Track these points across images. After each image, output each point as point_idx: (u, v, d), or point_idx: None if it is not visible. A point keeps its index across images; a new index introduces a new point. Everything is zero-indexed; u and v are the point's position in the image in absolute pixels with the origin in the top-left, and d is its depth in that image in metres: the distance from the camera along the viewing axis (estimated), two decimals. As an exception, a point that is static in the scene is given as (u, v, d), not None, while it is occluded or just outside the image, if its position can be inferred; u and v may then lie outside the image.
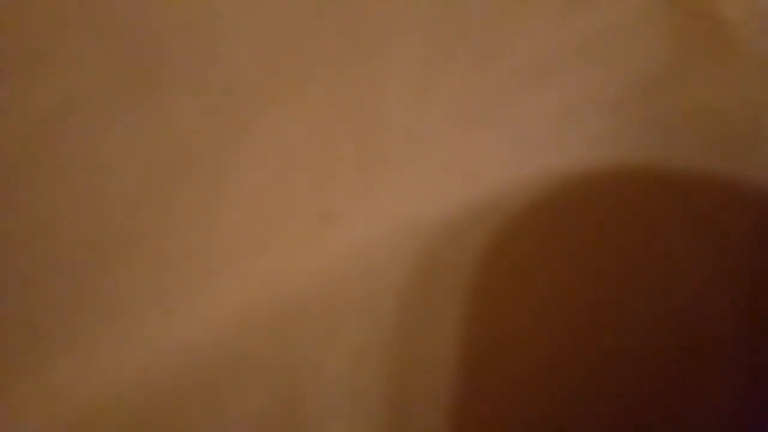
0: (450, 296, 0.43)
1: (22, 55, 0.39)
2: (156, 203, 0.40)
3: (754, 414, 0.44)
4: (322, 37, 0.42)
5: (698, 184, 0.44)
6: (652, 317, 0.44)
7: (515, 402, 0.43)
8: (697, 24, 0.44)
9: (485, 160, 0.43)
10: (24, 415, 0.39)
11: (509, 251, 0.43)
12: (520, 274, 0.43)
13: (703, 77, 0.44)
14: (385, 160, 0.42)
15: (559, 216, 0.43)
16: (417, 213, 0.42)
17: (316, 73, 0.42)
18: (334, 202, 0.42)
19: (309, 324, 0.41)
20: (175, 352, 0.40)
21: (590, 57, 0.44)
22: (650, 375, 0.44)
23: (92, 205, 0.40)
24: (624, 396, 0.44)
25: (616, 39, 0.44)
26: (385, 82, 0.42)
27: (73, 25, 0.39)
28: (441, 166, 0.42)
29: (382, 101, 0.42)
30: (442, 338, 0.42)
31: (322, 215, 0.41)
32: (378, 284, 0.42)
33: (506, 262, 0.43)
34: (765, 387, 0.44)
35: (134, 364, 0.40)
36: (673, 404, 0.44)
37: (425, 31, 0.42)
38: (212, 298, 0.40)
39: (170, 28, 0.40)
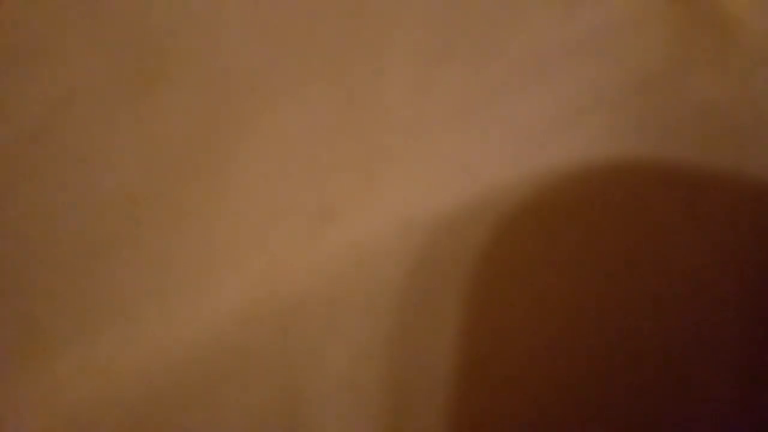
0: (449, 292, 0.43)
1: (21, 51, 0.39)
2: (155, 200, 0.40)
3: (755, 413, 0.44)
4: (322, 33, 0.41)
5: (699, 181, 0.44)
6: (651, 315, 0.44)
7: (514, 398, 0.43)
8: (697, 19, 0.44)
9: (485, 157, 0.43)
10: (24, 413, 0.39)
11: (509, 248, 0.43)
12: (520, 270, 0.43)
13: (703, 73, 0.44)
14: (384, 157, 0.42)
15: (559, 212, 0.43)
16: (417, 209, 0.42)
17: (315, 69, 0.41)
18: (333, 198, 0.42)
19: (308, 321, 0.41)
20: (175, 350, 0.40)
21: (591, 53, 0.43)
22: (650, 373, 0.44)
23: (91, 202, 0.39)
24: (623, 394, 0.44)
25: (616, 35, 0.44)
26: (385, 79, 0.42)
27: (72, 21, 0.39)
28: (441, 163, 0.42)
29: (382, 97, 0.42)
30: (442, 334, 0.42)
31: (321, 212, 0.41)
32: (377, 280, 0.42)
33: (506, 259, 0.43)
34: (765, 386, 0.44)
35: (134, 362, 0.39)
36: (673, 403, 0.44)
37: (425, 27, 0.42)
38: (212, 296, 0.40)
39: (169, 24, 0.40)
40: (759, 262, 0.45)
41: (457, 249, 0.43)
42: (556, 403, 0.44)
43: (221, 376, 0.40)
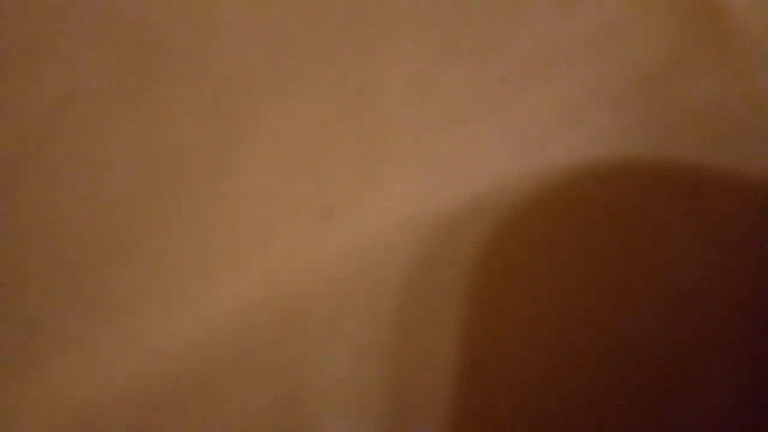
0: (450, 292, 0.42)
1: (20, 50, 0.39)
2: (155, 200, 0.40)
3: (755, 413, 0.44)
4: (323, 32, 0.41)
5: (700, 180, 0.44)
6: (652, 314, 0.44)
7: (515, 398, 0.43)
8: (699, 18, 0.44)
9: (486, 156, 0.43)
10: (23, 414, 0.39)
11: (510, 247, 0.43)
12: (521, 270, 0.43)
13: (705, 72, 0.44)
14: (385, 156, 0.42)
15: (560, 212, 0.43)
16: (418, 209, 0.42)
17: (316, 68, 0.41)
18: (334, 198, 0.41)
19: (309, 321, 0.41)
20: (175, 351, 0.40)
21: (592, 52, 0.43)
22: (650, 372, 0.44)
23: (91, 201, 0.39)
24: (624, 393, 0.44)
25: (617, 34, 0.44)
26: (386, 78, 0.42)
27: (72, 19, 0.39)
28: (442, 162, 0.42)
29: (382, 97, 0.42)
30: (443, 334, 0.42)
31: (322, 211, 0.41)
32: (378, 280, 0.42)
33: (507, 259, 0.43)
34: (765, 386, 0.44)
35: (134, 363, 0.39)
36: (673, 403, 0.44)
37: (426, 26, 0.42)
38: (212, 296, 0.40)
39: (170, 23, 0.40)
40: (759, 262, 0.45)
41: (458, 248, 0.43)
42: (556, 402, 0.43)
43: (221, 377, 0.40)
